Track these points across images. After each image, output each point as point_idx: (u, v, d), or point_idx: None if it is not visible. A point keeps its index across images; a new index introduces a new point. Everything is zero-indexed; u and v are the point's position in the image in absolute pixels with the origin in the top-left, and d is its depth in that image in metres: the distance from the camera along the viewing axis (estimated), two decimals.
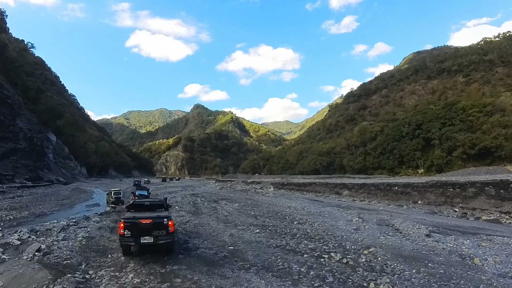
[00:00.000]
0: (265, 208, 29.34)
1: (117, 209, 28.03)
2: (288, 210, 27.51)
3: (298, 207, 29.45)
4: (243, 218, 23.12)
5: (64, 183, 71.83)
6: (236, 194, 47.88)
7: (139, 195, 30.45)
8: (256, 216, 24.13)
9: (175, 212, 25.51)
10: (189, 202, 34.47)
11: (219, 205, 31.71)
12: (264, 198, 40.60)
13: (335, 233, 17.72)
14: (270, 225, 20.28)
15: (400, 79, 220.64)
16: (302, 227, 19.47)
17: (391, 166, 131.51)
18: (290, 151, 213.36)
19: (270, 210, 27.38)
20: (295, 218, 23.12)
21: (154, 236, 12.11)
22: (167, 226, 12.31)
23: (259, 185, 67.40)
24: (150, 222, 12.15)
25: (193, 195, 44.67)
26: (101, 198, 43.25)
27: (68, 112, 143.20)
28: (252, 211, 27.09)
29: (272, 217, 23.62)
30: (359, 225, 20.68)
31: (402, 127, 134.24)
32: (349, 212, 26.52)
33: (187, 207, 29.55)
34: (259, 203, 33.81)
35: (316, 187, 51.70)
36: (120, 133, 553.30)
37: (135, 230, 12.03)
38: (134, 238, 12.08)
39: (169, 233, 12.40)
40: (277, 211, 27.03)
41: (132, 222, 12.13)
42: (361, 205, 35.12)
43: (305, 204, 32.48)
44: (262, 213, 26.06)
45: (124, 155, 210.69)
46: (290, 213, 25.38)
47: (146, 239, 12.07)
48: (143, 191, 33.90)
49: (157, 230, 12.14)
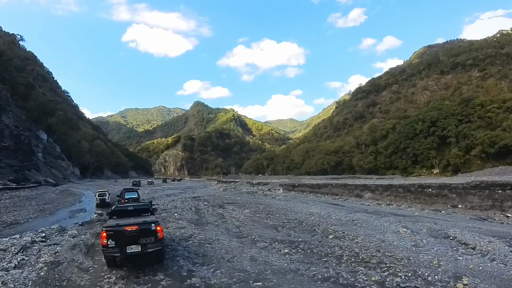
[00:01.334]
0: (282, 215, 25.46)
1: (103, 217, 23.95)
2: (312, 218, 23.57)
3: (323, 214, 25.57)
4: (260, 230, 19.05)
5: (53, 185, 68.78)
6: (243, 197, 44.18)
7: (128, 199, 28.26)
8: (277, 227, 20.05)
9: (174, 222, 21.66)
10: (190, 207, 30.54)
11: (226, 211, 27.99)
12: (276, 202, 36.86)
13: (395, 253, 13.73)
14: (299, 240, 16.18)
15: (411, 74, 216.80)
16: (344, 244, 15.45)
17: (404, 166, 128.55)
18: (295, 150, 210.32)
19: (291, 218, 23.39)
20: (326, 229, 19.08)
21: (142, 244, 11.41)
22: (156, 232, 11.61)
23: (266, 187, 64.20)
24: (136, 229, 11.43)
25: (195, 199, 40.98)
26: (90, 202, 39.88)
27: (60, 109, 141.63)
28: (269, 220, 23.14)
29: (297, 228, 19.58)
30: (413, 238, 16.91)
31: (416, 124, 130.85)
32: (386, 220, 23.00)
33: (188, 214, 25.65)
34: (273, 208, 30.00)
35: (332, 188, 47.94)
36: (116, 132, 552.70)
37: (120, 239, 11.25)
38: (120, 248, 11.25)
39: (158, 240, 11.68)
40: (299, 219, 23.08)
41: (115, 230, 11.35)
42: (390, 210, 31.41)
43: (328, 210, 28.71)
44: (282, 222, 22.14)
45: (121, 155, 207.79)
46: (317, 222, 21.37)
47: (133, 248, 11.36)
48: (133, 193, 31.83)
49: (144, 237, 11.44)
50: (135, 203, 16.41)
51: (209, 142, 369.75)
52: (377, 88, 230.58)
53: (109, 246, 11.21)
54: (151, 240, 11.48)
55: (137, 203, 17.46)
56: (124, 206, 14.60)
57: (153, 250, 11.60)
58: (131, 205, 14.62)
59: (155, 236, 11.55)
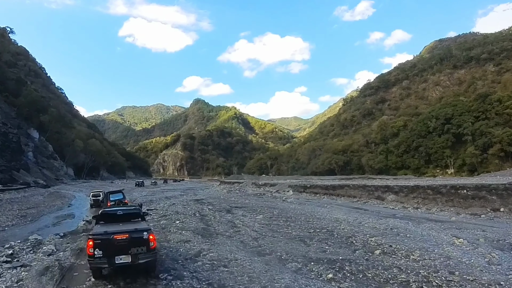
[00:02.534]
0: (304, 222, 22.49)
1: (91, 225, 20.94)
2: (342, 225, 20.54)
3: (351, 221, 22.60)
4: (285, 244, 15.88)
5: (43, 186, 66.51)
6: (251, 200, 41.66)
7: (114, 201, 26.22)
8: (303, 239, 16.89)
9: (177, 232, 18.55)
10: (193, 212, 27.60)
11: (236, 218, 25.11)
12: (290, 206, 34.01)
13: (475, 275, 10.76)
14: (339, 258, 13.06)
15: (422, 69, 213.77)
16: (400, 263, 12.36)
17: (416, 166, 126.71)
18: (300, 149, 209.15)
19: (316, 227, 20.38)
20: (367, 242, 15.99)
21: (132, 255, 10.63)
22: (148, 241, 10.86)
23: (274, 188, 61.69)
24: (126, 238, 10.66)
25: (197, 202, 38.29)
26: (80, 206, 37.24)
27: (53, 107, 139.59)
28: (290, 229, 20.07)
29: (329, 241, 16.45)
30: (478, 251, 14.13)
31: (429, 121, 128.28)
32: (428, 227, 20.27)
33: (192, 222, 22.64)
34: (290, 214, 27.06)
35: (349, 190, 45.01)
36: (113, 130, 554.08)
37: (108, 248, 10.47)
38: (107, 258, 10.47)
39: (151, 250, 10.89)
40: (326, 227, 20.05)
41: (103, 238, 10.58)
42: (422, 215, 28.77)
43: (353, 215, 25.84)
44: (307, 231, 19.11)
45: (117, 155, 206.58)
46: (350, 232, 18.29)
47: (122, 258, 10.56)
48: (118, 194, 29.46)
49: (135, 247, 10.69)
50: (125, 207, 15.21)
51: (210, 141, 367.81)
52: (386, 84, 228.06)
53: (96, 256, 10.41)
54: (143, 250, 10.74)
55: (127, 206, 16.17)
56: (112, 210, 13.63)
57: (145, 261, 10.78)
58: (121, 209, 13.64)
59: (147, 246, 10.80)
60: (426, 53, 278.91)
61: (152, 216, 25.14)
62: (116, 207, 15.64)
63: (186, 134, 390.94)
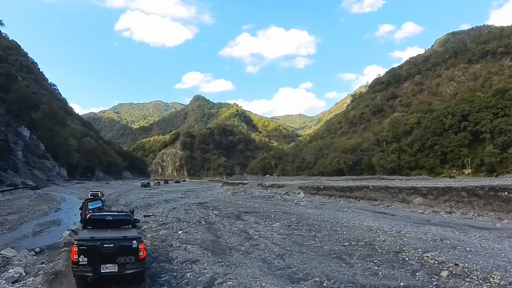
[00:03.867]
0: (331, 231, 19.86)
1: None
2: (379, 236, 17.90)
3: (386, 229, 20.08)
4: (319, 263, 13.01)
5: (32, 188, 63.76)
6: (260, 204, 39.16)
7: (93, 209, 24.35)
8: (341, 256, 14.02)
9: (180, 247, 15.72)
10: (198, 220, 24.83)
11: (248, 226, 22.44)
12: (307, 211, 31.44)
13: None
14: (401, 286, 10.28)
15: (435, 63, 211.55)
16: None
17: (431, 166, 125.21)
18: (307, 148, 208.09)
19: (349, 238, 17.71)
20: (423, 259, 13.28)
21: (120, 264, 10.32)
22: (137, 250, 10.55)
23: (283, 190, 59.56)
24: (114, 245, 10.32)
25: (201, 206, 35.70)
26: (69, 210, 34.65)
27: (46, 103, 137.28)
28: (318, 240, 17.33)
29: (374, 258, 13.62)
30: None
31: (444, 118, 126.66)
32: (479, 237, 17.96)
33: (198, 232, 19.89)
34: (311, 220, 24.52)
35: (368, 192, 42.69)
36: (109, 128, 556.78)
37: (94, 256, 10.17)
38: (93, 266, 10.15)
39: (140, 260, 10.59)
40: (361, 238, 17.44)
41: (89, 245, 10.26)
42: (459, 220, 26.55)
43: (385, 222, 23.45)
44: (340, 244, 16.43)
45: (114, 154, 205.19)
46: (395, 245, 15.53)
47: (108, 267, 10.25)
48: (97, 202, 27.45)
49: (123, 256, 10.36)
50: (115, 212, 14.86)
51: (211, 139, 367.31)
52: (398, 79, 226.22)
53: (81, 263, 10.20)
54: (131, 259, 10.54)
55: (117, 212, 15.75)
56: (102, 215, 13.34)
57: (133, 271, 10.61)
58: (110, 215, 13.26)
59: (136, 256, 10.60)
60: (438, 46, 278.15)
61: (150, 224, 22.58)
62: (105, 212, 15.35)
63: (185, 133, 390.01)
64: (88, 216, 13.69)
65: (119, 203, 43.55)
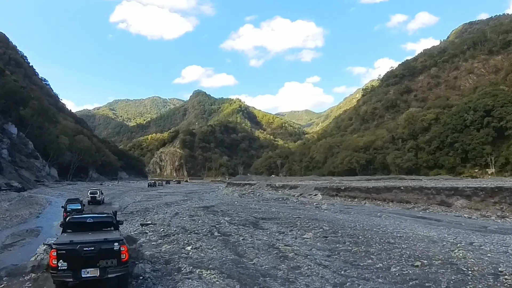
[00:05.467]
0: (385, 244, 17.05)
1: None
2: (454, 251, 14.88)
3: (450, 240, 17.49)
4: None
5: (17, 190, 61.94)
6: (277, 208, 36.62)
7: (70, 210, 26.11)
8: (422, 284, 10.54)
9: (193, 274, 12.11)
10: (209, 229, 21.58)
11: (272, 237, 19.54)
12: (336, 216, 29.02)
13: None
14: None
15: (453, 55, 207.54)
16: None
17: (451, 165, 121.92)
18: (315, 147, 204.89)
19: (414, 254, 14.78)
20: None
21: (101, 268, 10.31)
22: (119, 253, 10.53)
23: (296, 191, 57.43)
24: (94, 248, 10.33)
25: (208, 211, 32.78)
26: (53, 217, 32.12)
27: (35, 99, 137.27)
28: (375, 259, 14.25)
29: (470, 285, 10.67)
30: None
31: (465, 113, 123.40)
32: None
33: (212, 248, 16.59)
34: (347, 229, 21.84)
35: (399, 194, 40.30)
36: (104, 126, 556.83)
37: (74, 260, 10.12)
38: (73, 271, 10.11)
39: (122, 263, 10.55)
40: (433, 255, 14.40)
41: (69, 249, 10.23)
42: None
43: (450, 232, 20.73)
44: (410, 264, 13.39)
45: (109, 153, 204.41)
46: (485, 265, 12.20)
47: (89, 272, 10.26)
48: (76, 204, 29.57)
49: (104, 259, 10.37)
50: (96, 214, 14.70)
51: (212, 137, 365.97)
52: (412, 72, 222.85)
53: (60, 268, 10.02)
54: (113, 263, 10.42)
55: (98, 214, 15.32)
56: (82, 218, 13.41)
57: (115, 275, 10.44)
58: (91, 217, 13.40)
59: (118, 258, 10.47)
60: (455, 37, 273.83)
61: (149, 237, 19.43)
62: (85, 214, 15.56)
63: (185, 130, 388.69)
64: (67, 219, 13.52)
65: (113, 207, 41.24)
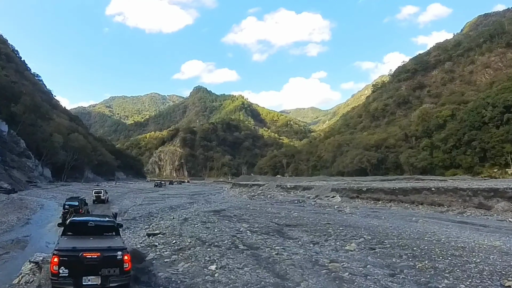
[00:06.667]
0: (452, 258, 14.78)
1: (39, 276, 12.99)
2: None
3: None
4: None
5: (7, 191, 59.72)
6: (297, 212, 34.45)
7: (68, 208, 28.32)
8: None
9: None
10: (231, 240, 19.03)
11: (308, 249, 17.09)
12: (371, 222, 26.90)
13: None
14: None
15: (469, 48, 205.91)
16: None
17: (469, 164, 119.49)
18: (323, 145, 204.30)
19: (492, 270, 12.71)
20: None
21: (103, 276, 10.23)
22: (122, 262, 10.47)
23: (310, 193, 55.47)
24: (98, 256, 10.25)
25: (220, 215, 30.74)
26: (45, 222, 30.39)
27: (28, 95, 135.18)
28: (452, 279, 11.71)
29: None
30: None
31: (484, 109, 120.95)
32: None
33: (242, 268, 13.70)
34: (394, 238, 19.58)
35: (430, 196, 38.36)
36: (100, 124, 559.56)
37: (76, 267, 10.13)
38: (74, 278, 10.10)
39: (125, 272, 10.50)
40: None
41: (71, 255, 10.23)
42: None
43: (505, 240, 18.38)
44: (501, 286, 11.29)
45: (105, 152, 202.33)
46: None
47: (91, 280, 10.21)
48: (73, 202, 31.29)
49: (107, 267, 10.27)
50: (98, 218, 14.67)
51: (214, 135, 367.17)
52: (425, 67, 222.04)
53: (61, 275, 9.99)
54: (116, 272, 10.35)
55: (100, 217, 15.28)
56: (83, 220, 13.71)
57: (117, 285, 10.36)
58: (92, 220, 13.49)
59: (121, 267, 10.42)
60: (469, 30, 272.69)
61: (160, 251, 16.56)
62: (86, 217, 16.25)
63: (185, 128, 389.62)
64: (68, 220, 13.40)
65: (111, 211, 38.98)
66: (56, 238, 15.23)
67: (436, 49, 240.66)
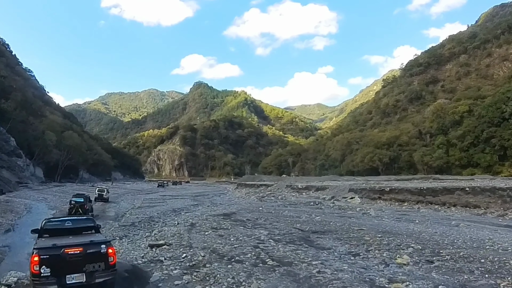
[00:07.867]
0: None
1: None
2: None
3: None
4: None
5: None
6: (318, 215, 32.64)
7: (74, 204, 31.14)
8: None
9: None
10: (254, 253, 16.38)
11: (350, 264, 14.57)
12: (410, 227, 25.03)
13: None
14: None
15: (485, 40, 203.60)
16: None
17: (488, 163, 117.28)
18: (330, 143, 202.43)
19: None
20: None
21: (87, 273, 10.08)
22: (107, 256, 10.36)
23: (325, 193, 53.88)
24: (80, 252, 10.14)
25: (231, 219, 28.88)
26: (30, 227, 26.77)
27: (19, 90, 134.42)
28: None
29: None
30: None
31: (503, 105, 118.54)
32: None
33: None
34: (449, 247, 17.41)
35: (464, 196, 36.40)
36: (96, 122, 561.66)
37: (58, 266, 9.89)
38: (57, 277, 9.83)
39: (110, 267, 10.39)
40: None
41: (52, 253, 9.95)
42: None
43: None
44: None
45: (101, 151, 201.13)
46: None
47: (75, 278, 9.98)
48: (79, 198, 33.67)
49: (91, 263, 10.18)
50: (75, 217, 15.18)
51: (216, 133, 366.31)
52: (438, 60, 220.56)
53: (43, 275, 9.72)
54: (101, 267, 10.26)
55: (77, 217, 16.12)
56: (59, 221, 13.38)
57: (103, 280, 10.24)
58: (69, 220, 13.29)
59: (106, 262, 10.33)
60: (485, 21, 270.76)
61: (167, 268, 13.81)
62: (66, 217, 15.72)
63: (185, 126, 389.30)
64: (42, 224, 13.04)
65: (107, 215, 36.75)
66: None
67: (450, 42, 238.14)
